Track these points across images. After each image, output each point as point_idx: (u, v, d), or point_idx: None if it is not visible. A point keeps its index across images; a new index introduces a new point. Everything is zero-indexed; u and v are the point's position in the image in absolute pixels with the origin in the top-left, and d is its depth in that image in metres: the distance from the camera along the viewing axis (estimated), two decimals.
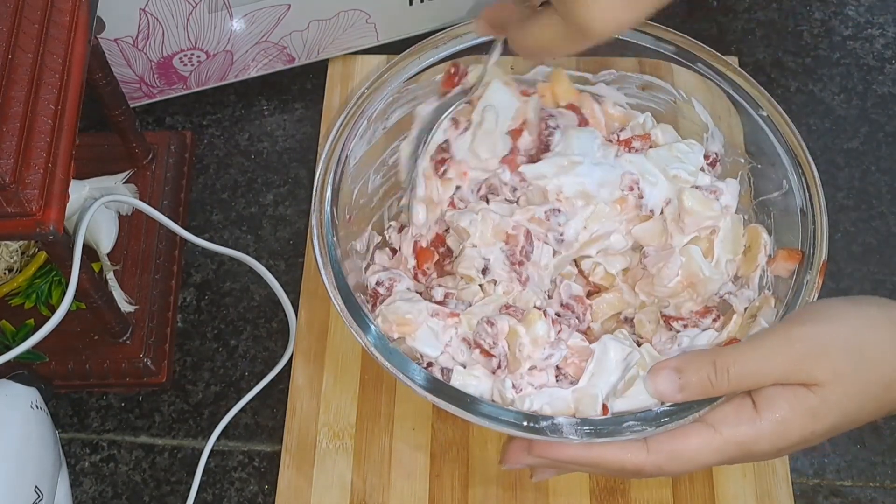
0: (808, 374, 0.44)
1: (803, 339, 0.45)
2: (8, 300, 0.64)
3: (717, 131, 0.60)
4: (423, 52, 0.59)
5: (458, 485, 0.59)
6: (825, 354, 0.44)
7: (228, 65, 0.72)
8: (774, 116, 0.56)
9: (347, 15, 0.71)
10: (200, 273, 0.68)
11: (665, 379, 0.46)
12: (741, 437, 0.45)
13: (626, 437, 0.46)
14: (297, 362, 0.63)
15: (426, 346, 0.54)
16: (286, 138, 0.74)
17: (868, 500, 0.60)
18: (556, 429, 0.46)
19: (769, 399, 0.45)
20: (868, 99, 0.75)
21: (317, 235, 0.53)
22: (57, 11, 0.52)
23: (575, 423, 0.46)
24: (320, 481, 0.59)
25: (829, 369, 0.44)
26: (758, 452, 0.46)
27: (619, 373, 0.51)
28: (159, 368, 0.63)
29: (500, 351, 0.53)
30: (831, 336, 0.45)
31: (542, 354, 0.52)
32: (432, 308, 0.55)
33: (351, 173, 0.57)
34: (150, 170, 0.69)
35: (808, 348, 0.44)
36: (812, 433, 0.45)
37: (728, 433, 0.45)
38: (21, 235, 0.48)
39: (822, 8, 0.79)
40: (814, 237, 0.53)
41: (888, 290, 0.67)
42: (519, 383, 0.52)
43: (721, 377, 0.45)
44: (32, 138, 0.48)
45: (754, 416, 0.45)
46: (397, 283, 0.58)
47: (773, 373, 0.45)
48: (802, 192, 0.54)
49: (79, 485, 0.61)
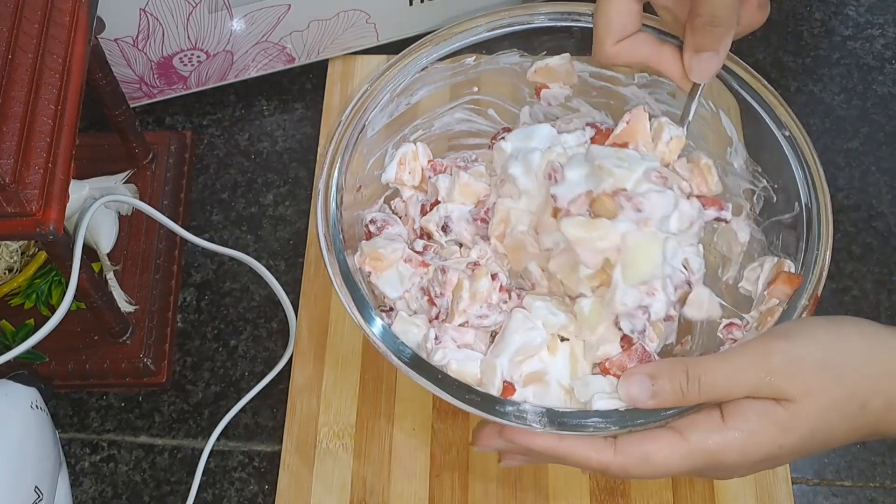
0: (779, 388, 0.44)
1: (777, 353, 0.45)
2: (8, 300, 0.64)
3: (741, 146, 0.58)
4: (461, 31, 0.59)
5: (458, 485, 0.59)
6: (798, 370, 0.44)
7: (228, 65, 0.72)
8: (798, 139, 0.55)
9: (347, 15, 0.71)
10: (200, 273, 0.68)
11: (637, 384, 0.46)
12: (708, 446, 0.44)
13: (590, 432, 0.46)
14: (297, 362, 0.63)
15: (387, 286, 0.56)
16: (286, 138, 0.74)
17: (868, 500, 0.60)
18: (520, 415, 0.46)
19: (738, 410, 0.45)
20: (868, 99, 0.75)
21: (322, 194, 0.54)
22: (57, 11, 0.52)
23: (540, 412, 0.46)
24: (320, 481, 0.59)
25: (801, 385, 0.44)
26: (725, 464, 0.45)
27: (516, 346, 0.51)
28: (159, 368, 0.63)
29: (444, 302, 0.54)
30: (805, 353, 0.45)
31: (476, 311, 0.53)
32: (407, 253, 0.56)
33: (367, 142, 0.58)
34: (150, 170, 0.69)
35: (781, 363, 0.44)
36: (780, 447, 0.44)
37: (695, 440, 0.45)
38: (21, 235, 0.48)
39: (822, 8, 0.79)
40: (814, 264, 0.52)
41: (888, 290, 0.67)
42: (442, 336, 0.53)
43: (692, 386, 0.45)
44: (32, 138, 0.48)
45: (722, 425, 0.45)
46: (389, 226, 0.58)
47: (744, 385, 0.44)
48: (814, 215, 0.53)
49: (79, 485, 0.61)
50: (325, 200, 0.54)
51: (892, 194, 0.71)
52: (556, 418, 0.46)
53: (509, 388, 0.50)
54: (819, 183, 0.54)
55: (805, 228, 0.53)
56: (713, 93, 0.58)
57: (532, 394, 0.51)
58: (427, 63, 0.59)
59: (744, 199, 0.58)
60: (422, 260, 0.57)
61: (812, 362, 0.44)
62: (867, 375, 0.45)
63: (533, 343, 0.51)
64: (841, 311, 0.66)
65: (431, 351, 0.52)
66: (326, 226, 0.53)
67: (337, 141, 0.56)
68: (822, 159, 0.71)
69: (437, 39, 0.59)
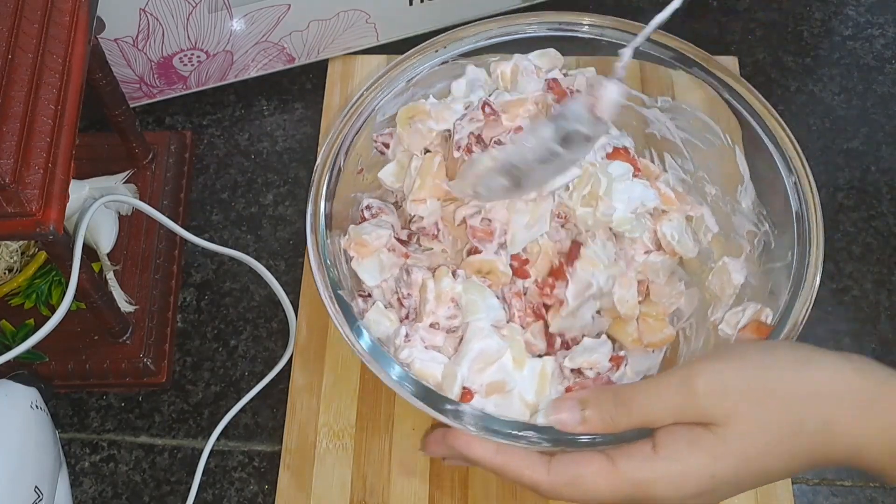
0: (704, 412, 0.43)
1: (702, 374, 0.43)
2: (8, 300, 0.64)
3: (751, 186, 0.58)
4: (486, 29, 0.59)
5: (457, 485, 0.59)
6: (724, 393, 0.43)
7: (228, 65, 0.72)
8: (804, 182, 0.54)
9: (347, 15, 0.71)
10: (200, 273, 0.68)
11: (567, 409, 0.46)
12: (637, 475, 0.43)
13: (523, 444, 0.46)
14: (297, 362, 0.63)
15: (366, 274, 0.56)
16: (286, 138, 0.74)
17: (868, 500, 0.60)
18: (457, 415, 0.47)
19: (669, 438, 0.43)
20: (868, 99, 0.75)
21: (319, 167, 0.55)
22: (57, 11, 0.52)
23: (477, 415, 0.47)
24: (320, 481, 0.59)
25: (727, 408, 0.42)
26: (658, 497, 0.43)
27: (475, 354, 0.51)
28: (159, 368, 0.63)
29: (412, 303, 0.55)
30: (733, 375, 0.43)
31: (444, 312, 0.53)
32: (392, 242, 0.56)
33: (376, 127, 0.58)
34: (150, 170, 0.69)
35: (707, 386, 0.43)
36: (713, 477, 0.42)
37: (623, 468, 0.43)
38: (21, 235, 0.48)
39: (822, 8, 0.79)
40: (790, 317, 0.51)
41: (888, 290, 0.67)
42: (412, 335, 0.53)
43: (620, 411, 0.44)
44: (32, 138, 0.48)
45: (651, 454, 0.43)
46: (384, 214, 0.59)
47: (669, 408, 0.43)
48: (804, 269, 0.52)
49: (79, 485, 0.61)
50: (318, 185, 0.55)
51: (892, 194, 0.71)
52: (491, 424, 0.46)
53: (467, 394, 0.50)
54: (815, 236, 0.53)
55: (792, 280, 0.52)
56: (730, 127, 0.58)
57: (493, 404, 0.50)
58: (448, 58, 0.59)
59: (746, 241, 0.57)
60: (405, 251, 0.57)
61: (740, 385, 0.43)
62: (799, 397, 0.43)
63: (490, 350, 0.51)
64: (841, 312, 0.66)
65: (399, 348, 0.52)
66: (316, 205, 0.54)
67: (343, 120, 0.56)
68: (822, 159, 0.72)
69: (460, 35, 0.59)
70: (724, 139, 0.58)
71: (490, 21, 0.60)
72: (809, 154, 0.55)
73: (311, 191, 0.55)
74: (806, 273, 0.51)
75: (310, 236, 0.53)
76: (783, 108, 0.74)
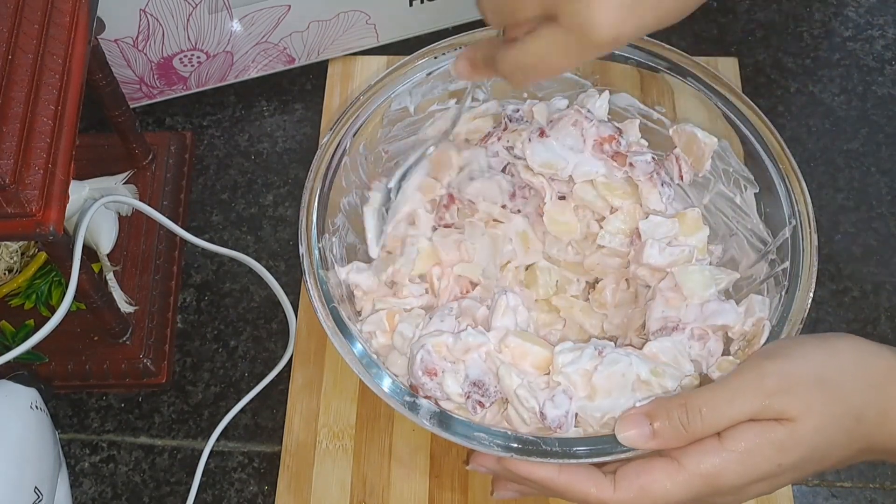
0: (779, 409, 0.43)
1: (773, 374, 0.44)
2: (8, 301, 0.64)
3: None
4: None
5: (457, 485, 0.59)
6: (795, 389, 0.44)
7: (228, 65, 0.72)
8: (803, 215, 0.54)
9: (347, 16, 0.71)
10: (200, 274, 0.68)
11: (635, 426, 0.45)
12: (705, 469, 0.44)
13: (534, 458, 0.46)
14: (297, 363, 0.63)
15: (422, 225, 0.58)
16: (286, 139, 0.74)
17: (868, 500, 0.60)
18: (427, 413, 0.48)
19: (736, 430, 0.44)
20: (868, 100, 0.75)
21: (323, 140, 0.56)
22: (57, 12, 0.52)
23: (508, 437, 0.47)
24: (320, 482, 0.59)
25: (801, 404, 0.43)
26: (724, 487, 0.44)
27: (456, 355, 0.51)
28: (159, 369, 0.63)
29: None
30: (800, 371, 0.44)
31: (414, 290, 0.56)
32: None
33: (389, 115, 0.58)
34: (150, 170, 0.69)
35: (779, 384, 0.44)
36: (779, 466, 0.44)
37: (692, 466, 0.44)
38: (21, 236, 0.48)
39: (822, 9, 0.79)
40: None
41: (888, 291, 0.67)
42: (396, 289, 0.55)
43: (694, 419, 0.44)
44: (32, 138, 0.48)
45: (718, 446, 0.44)
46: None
47: (745, 410, 0.44)
48: (783, 325, 0.52)
49: (79, 485, 0.61)
50: (317, 171, 0.56)
51: (892, 195, 0.71)
52: (521, 444, 0.46)
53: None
54: (808, 254, 0.53)
55: (782, 303, 0.53)
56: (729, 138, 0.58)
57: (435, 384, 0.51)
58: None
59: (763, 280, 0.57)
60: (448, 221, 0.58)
61: (808, 380, 0.44)
62: (860, 388, 0.45)
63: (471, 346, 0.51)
64: (841, 312, 0.66)
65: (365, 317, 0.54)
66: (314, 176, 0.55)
67: (356, 104, 0.57)
68: (822, 160, 0.72)
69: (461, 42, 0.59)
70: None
71: None
72: (809, 155, 0.55)
73: (301, 225, 0.54)
74: (797, 293, 0.52)
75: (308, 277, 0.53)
76: (783, 109, 0.74)
